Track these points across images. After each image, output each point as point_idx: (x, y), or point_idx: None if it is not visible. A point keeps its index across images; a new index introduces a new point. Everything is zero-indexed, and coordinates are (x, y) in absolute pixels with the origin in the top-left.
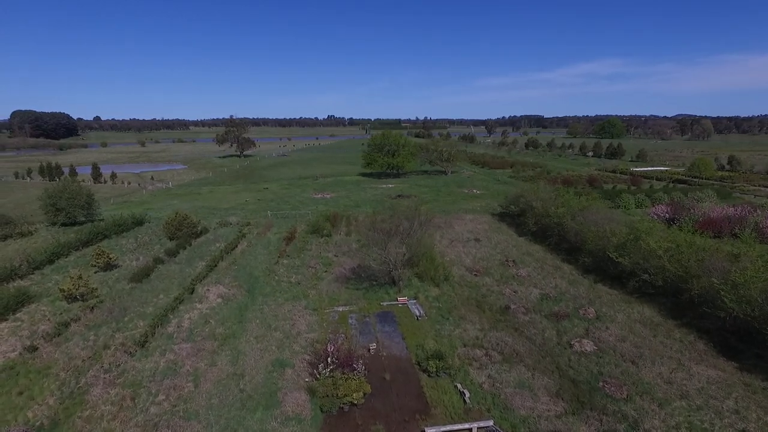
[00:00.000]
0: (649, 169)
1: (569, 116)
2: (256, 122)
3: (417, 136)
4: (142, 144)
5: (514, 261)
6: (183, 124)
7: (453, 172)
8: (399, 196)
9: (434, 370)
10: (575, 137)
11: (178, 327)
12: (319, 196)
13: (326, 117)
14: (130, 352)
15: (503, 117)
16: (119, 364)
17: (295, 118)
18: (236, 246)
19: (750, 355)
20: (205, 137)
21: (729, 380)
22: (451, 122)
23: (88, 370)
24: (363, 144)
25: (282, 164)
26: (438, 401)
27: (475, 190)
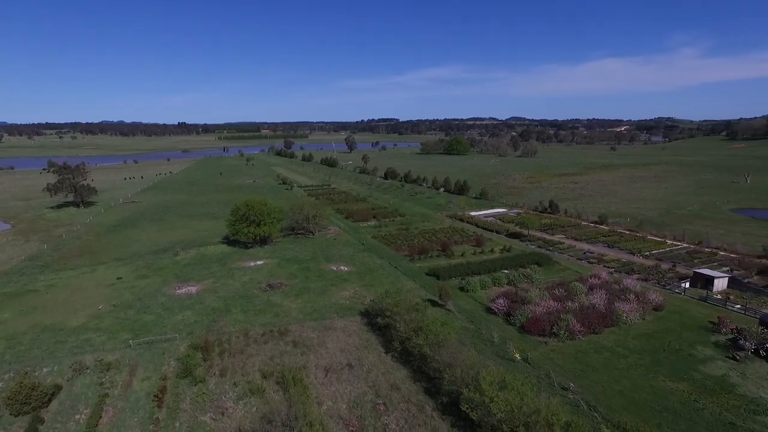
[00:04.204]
0: (490, 212)
1: (422, 120)
2: (91, 128)
3: (278, 154)
4: None
5: (384, 404)
6: None
7: (320, 231)
8: (269, 285)
9: None
10: (428, 154)
11: None
12: (183, 291)
13: (177, 124)
14: None
15: (362, 120)
16: None
17: (140, 123)
18: (100, 416)
19: None
20: (28, 156)
21: None
22: (312, 127)
23: None
24: (221, 173)
25: (132, 221)
26: None
27: (342, 267)
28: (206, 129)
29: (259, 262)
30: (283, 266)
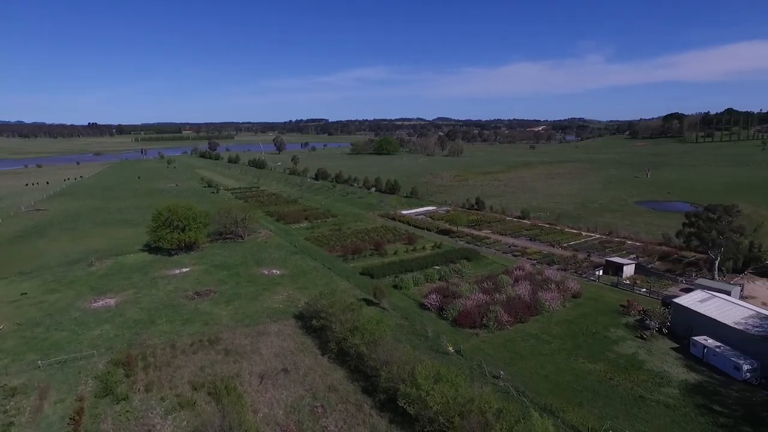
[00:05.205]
0: (421, 210)
1: (351, 120)
2: None
3: (203, 156)
4: None
5: (322, 406)
6: None
7: (249, 235)
8: (197, 293)
9: None
10: (359, 154)
11: None
12: (100, 303)
13: (87, 124)
14: None
15: (291, 120)
16: None
17: (42, 124)
18: None
19: None
20: None
21: None
22: (238, 127)
23: None
24: (139, 177)
25: (38, 231)
26: None
27: (274, 270)
28: (121, 130)
29: (184, 270)
30: (212, 272)
